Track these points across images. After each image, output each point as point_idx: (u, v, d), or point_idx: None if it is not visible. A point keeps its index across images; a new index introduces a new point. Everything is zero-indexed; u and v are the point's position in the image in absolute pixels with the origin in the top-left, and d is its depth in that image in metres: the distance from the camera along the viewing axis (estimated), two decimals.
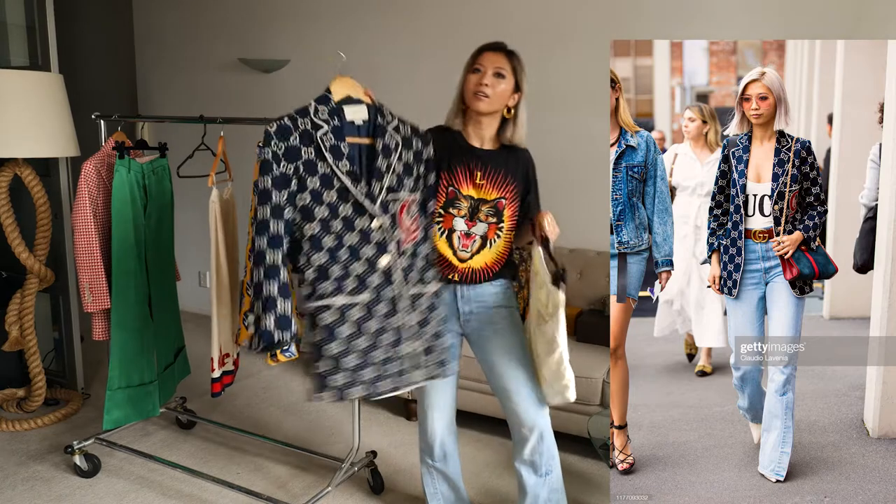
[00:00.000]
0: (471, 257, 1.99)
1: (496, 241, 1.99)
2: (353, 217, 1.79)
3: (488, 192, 1.97)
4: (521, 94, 1.98)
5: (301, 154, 1.74)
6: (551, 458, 2.07)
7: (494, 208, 1.98)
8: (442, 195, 1.98)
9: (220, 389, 2.59)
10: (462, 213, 1.97)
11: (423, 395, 2.15)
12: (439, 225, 1.99)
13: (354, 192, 1.77)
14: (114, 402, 2.63)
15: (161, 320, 2.79)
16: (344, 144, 1.78)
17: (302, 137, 1.74)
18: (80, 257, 2.60)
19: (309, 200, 1.76)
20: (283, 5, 4.26)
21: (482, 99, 1.91)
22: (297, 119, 1.75)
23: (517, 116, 1.99)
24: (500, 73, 1.91)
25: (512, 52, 1.96)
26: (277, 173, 1.72)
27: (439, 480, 2.24)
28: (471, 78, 1.93)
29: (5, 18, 3.46)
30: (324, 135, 1.76)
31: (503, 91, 1.93)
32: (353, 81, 1.88)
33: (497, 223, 1.99)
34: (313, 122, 1.76)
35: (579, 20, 3.43)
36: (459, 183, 1.96)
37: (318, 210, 1.76)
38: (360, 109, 1.82)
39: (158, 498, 2.57)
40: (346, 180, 1.77)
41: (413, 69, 3.86)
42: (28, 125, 2.79)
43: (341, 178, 1.77)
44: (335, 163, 1.76)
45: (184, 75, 4.71)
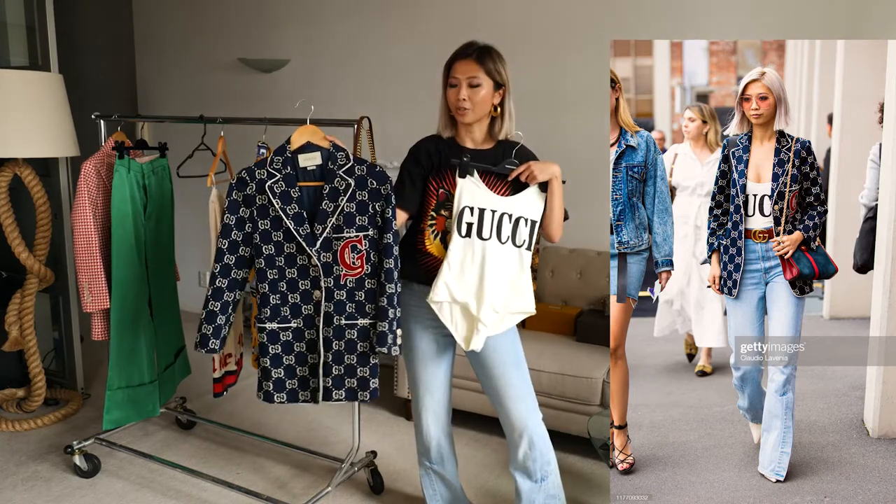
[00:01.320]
0: None
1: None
2: (295, 254, 2.04)
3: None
4: (503, 89, 1.95)
5: (255, 201, 2.03)
6: (546, 463, 2.05)
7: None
8: (433, 198, 1.98)
9: (221, 390, 2.59)
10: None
11: (416, 399, 2.15)
12: (433, 228, 1.99)
13: (296, 234, 2.01)
14: (113, 402, 2.63)
15: (161, 320, 2.79)
16: (294, 190, 2.02)
17: (258, 186, 2.02)
18: (79, 257, 2.60)
19: (258, 239, 2.04)
20: (283, 6, 4.26)
21: (465, 113, 1.92)
22: (255, 171, 2.03)
23: (503, 112, 1.97)
24: (474, 83, 1.90)
25: (483, 53, 1.92)
26: (235, 217, 2.03)
27: (437, 482, 2.24)
28: (450, 93, 1.94)
29: (5, 18, 3.46)
30: (274, 183, 2.01)
31: (482, 98, 1.91)
32: (315, 129, 2.07)
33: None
34: (268, 172, 2.02)
35: (579, 20, 3.43)
36: (451, 185, 1.96)
37: (265, 248, 2.04)
38: (313, 156, 2.04)
39: (158, 498, 2.57)
40: (290, 224, 2.01)
41: (413, 69, 3.86)
42: (28, 125, 2.79)
43: (286, 221, 2.01)
44: (282, 207, 2.01)
45: (184, 75, 4.71)
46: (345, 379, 2.09)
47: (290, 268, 2.03)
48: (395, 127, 4.00)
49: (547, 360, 2.89)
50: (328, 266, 2.01)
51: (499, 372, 2.01)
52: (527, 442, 2.01)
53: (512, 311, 1.97)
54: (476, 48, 1.93)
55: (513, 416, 2.02)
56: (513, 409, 2.01)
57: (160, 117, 2.74)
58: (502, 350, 2.01)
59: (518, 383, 2.01)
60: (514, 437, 2.03)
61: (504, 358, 2.01)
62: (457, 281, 1.91)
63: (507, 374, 2.01)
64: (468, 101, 1.90)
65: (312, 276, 2.02)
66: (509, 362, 2.01)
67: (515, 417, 2.01)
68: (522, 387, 2.02)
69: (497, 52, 1.96)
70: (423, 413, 2.14)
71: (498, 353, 2.00)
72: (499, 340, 1.99)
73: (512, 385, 2.01)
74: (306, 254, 2.01)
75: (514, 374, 2.01)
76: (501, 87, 1.95)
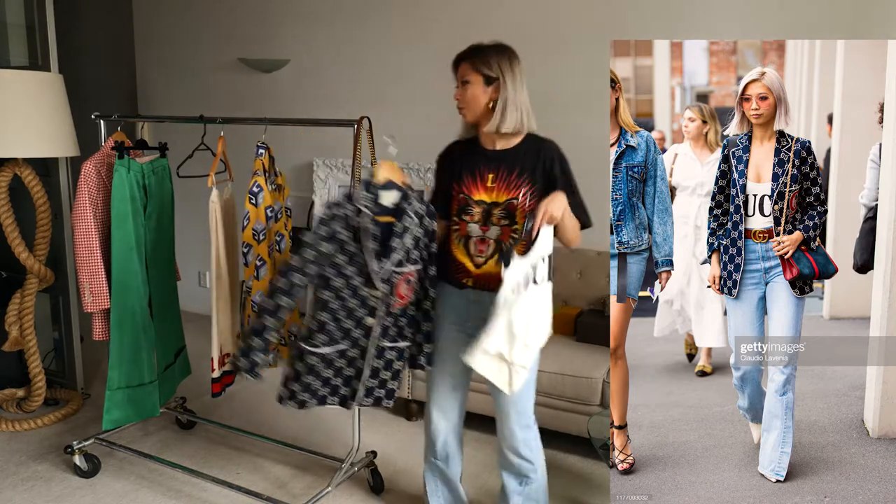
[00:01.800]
0: (485, 262, 1.98)
1: (511, 244, 1.95)
2: (359, 286, 2.01)
3: (499, 194, 1.96)
4: (496, 83, 1.93)
5: (337, 236, 1.97)
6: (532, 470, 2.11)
7: (506, 210, 1.95)
8: (455, 202, 2.01)
9: (220, 390, 2.59)
10: (475, 218, 1.97)
11: (429, 394, 2.18)
12: (456, 233, 2.01)
13: (371, 269, 1.97)
14: (113, 402, 2.63)
15: (161, 320, 2.79)
16: (374, 227, 1.97)
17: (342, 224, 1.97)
18: (79, 257, 2.60)
19: (331, 272, 1.99)
20: (283, 6, 4.26)
21: (461, 112, 1.99)
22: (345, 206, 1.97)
23: (499, 106, 1.93)
24: (465, 80, 1.95)
25: (475, 51, 1.95)
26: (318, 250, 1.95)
27: (440, 480, 2.25)
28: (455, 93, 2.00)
29: (5, 18, 3.46)
30: (362, 220, 1.96)
31: (473, 96, 1.94)
32: (394, 165, 2.02)
33: (510, 226, 1.95)
34: (357, 208, 1.96)
35: (579, 20, 3.43)
36: (469, 189, 1.98)
37: (333, 280, 2.00)
38: (392, 195, 2.00)
39: (158, 498, 2.57)
40: (370, 259, 1.96)
41: (413, 70, 3.86)
42: (28, 125, 2.79)
43: (366, 256, 1.97)
44: (365, 243, 1.96)
45: (184, 75, 4.71)
46: (375, 390, 2.15)
47: (352, 298, 2.03)
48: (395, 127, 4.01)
49: (547, 360, 2.87)
50: (385, 297, 2.04)
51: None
52: (513, 453, 2.09)
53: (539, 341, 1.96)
54: (473, 47, 1.96)
55: (505, 427, 2.10)
56: (505, 420, 2.08)
57: (160, 117, 2.74)
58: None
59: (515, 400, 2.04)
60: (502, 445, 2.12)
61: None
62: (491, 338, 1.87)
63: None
64: (460, 101, 1.97)
65: (370, 307, 2.03)
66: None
67: (507, 428, 2.09)
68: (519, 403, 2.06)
69: (494, 47, 1.95)
70: (433, 408, 2.17)
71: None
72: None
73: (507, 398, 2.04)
74: (372, 286, 2.01)
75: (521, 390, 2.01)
76: (492, 84, 1.93)
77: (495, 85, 1.93)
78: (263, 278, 2.47)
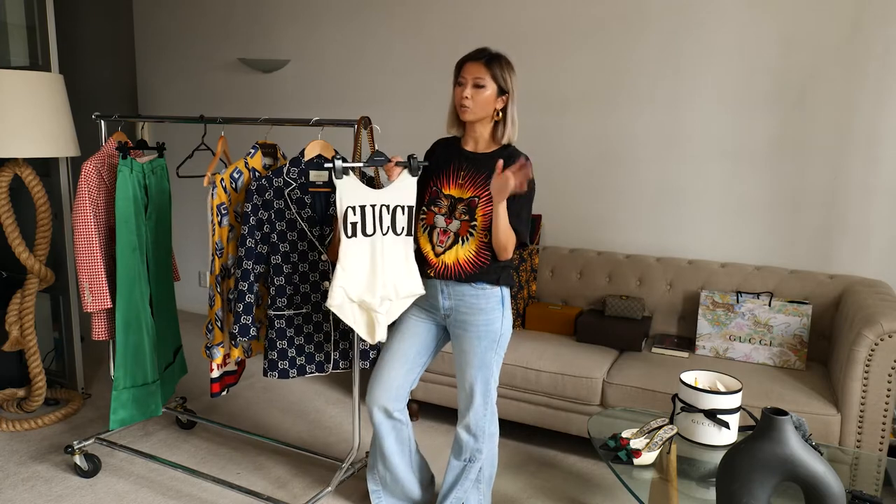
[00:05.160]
0: (443, 252, 2.10)
1: (468, 239, 2.07)
2: (307, 251, 2.35)
3: (466, 191, 2.08)
4: (507, 96, 2.06)
5: (273, 205, 2.31)
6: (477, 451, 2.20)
7: (468, 206, 2.07)
8: (427, 194, 2.14)
9: (219, 390, 2.59)
10: (442, 210, 2.10)
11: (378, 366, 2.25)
12: (423, 222, 2.14)
13: (310, 234, 2.33)
14: (119, 403, 2.63)
15: (161, 320, 2.80)
16: (307, 196, 2.32)
17: (276, 192, 2.30)
18: (80, 257, 2.60)
19: (276, 239, 2.32)
20: (283, 5, 4.27)
21: (465, 110, 2.04)
22: (273, 178, 2.30)
23: (506, 117, 2.08)
24: (479, 84, 2.01)
25: (492, 59, 2.03)
26: (254, 221, 2.29)
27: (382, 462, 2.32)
28: (456, 91, 2.06)
29: (5, 18, 3.46)
30: (291, 191, 2.31)
31: (484, 99, 2.02)
32: (325, 143, 2.36)
33: (469, 221, 2.07)
34: (285, 181, 2.30)
35: (579, 20, 3.43)
36: (442, 183, 2.12)
37: (281, 246, 2.32)
38: (322, 174, 2.35)
39: (158, 498, 2.57)
40: (305, 225, 2.32)
41: (412, 70, 3.86)
42: (28, 125, 2.79)
43: (301, 223, 2.32)
44: (298, 212, 2.31)
45: (184, 75, 4.72)
46: (348, 352, 2.41)
47: (302, 263, 2.33)
48: (395, 127, 4.01)
49: (547, 360, 2.89)
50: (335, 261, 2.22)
51: (463, 372, 2.17)
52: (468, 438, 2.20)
53: (402, 295, 2.11)
54: (487, 53, 2.04)
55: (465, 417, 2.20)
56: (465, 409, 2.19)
57: (160, 117, 2.74)
58: (472, 354, 2.14)
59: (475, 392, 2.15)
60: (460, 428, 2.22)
61: (472, 362, 2.14)
62: (350, 281, 2.05)
63: (468, 378, 2.16)
64: (470, 100, 2.02)
65: (322, 270, 2.34)
66: (475, 366, 2.14)
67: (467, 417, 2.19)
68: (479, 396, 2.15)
69: (507, 61, 2.06)
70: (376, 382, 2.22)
71: (467, 356, 2.15)
72: (472, 345, 2.12)
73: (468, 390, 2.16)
74: (317, 251, 2.32)
75: (474, 378, 2.15)
76: (505, 94, 2.06)
77: (504, 97, 2.06)
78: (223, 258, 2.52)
